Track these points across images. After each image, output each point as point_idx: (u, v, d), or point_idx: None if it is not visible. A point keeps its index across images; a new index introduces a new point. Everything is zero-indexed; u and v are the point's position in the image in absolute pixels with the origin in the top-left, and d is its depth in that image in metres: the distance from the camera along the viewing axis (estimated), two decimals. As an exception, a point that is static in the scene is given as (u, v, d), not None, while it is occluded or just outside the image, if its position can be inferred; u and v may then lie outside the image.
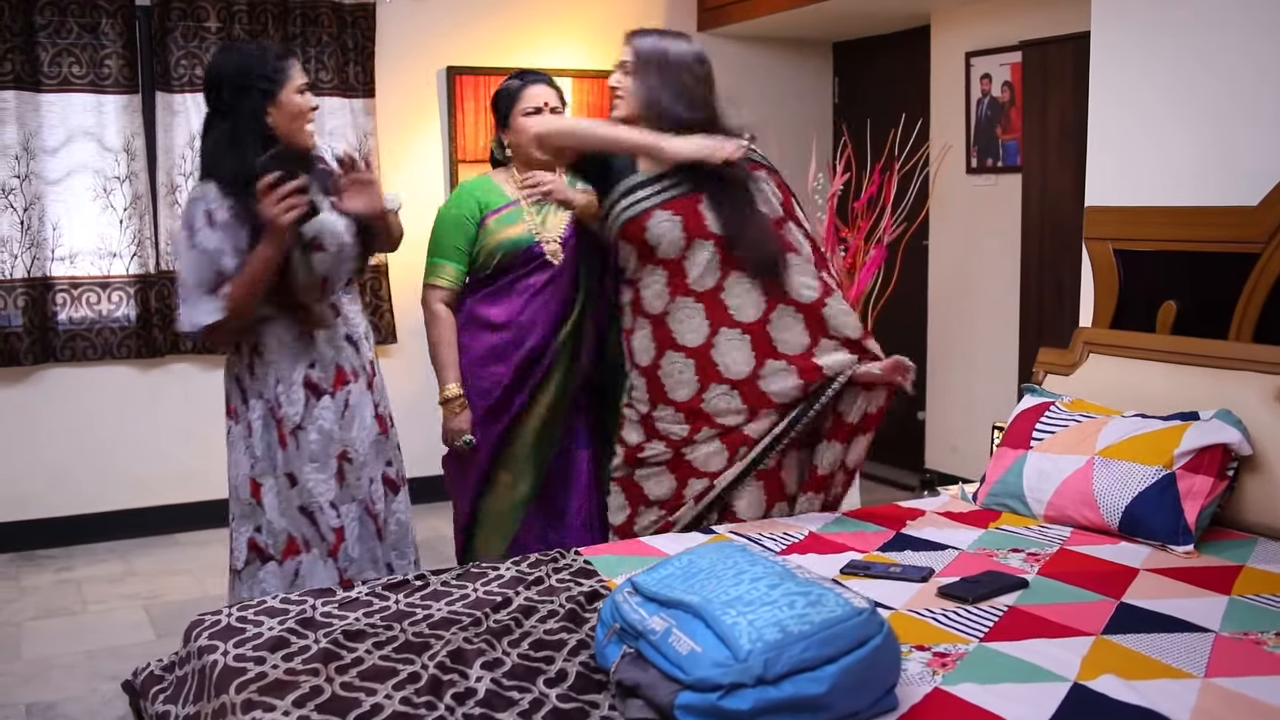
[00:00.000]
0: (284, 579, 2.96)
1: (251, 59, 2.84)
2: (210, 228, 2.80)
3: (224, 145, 2.83)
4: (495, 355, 3.29)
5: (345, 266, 3.02)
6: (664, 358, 3.00)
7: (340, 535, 2.98)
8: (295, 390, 2.95)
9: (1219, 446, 2.80)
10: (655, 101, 2.95)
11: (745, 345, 2.96)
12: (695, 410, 2.99)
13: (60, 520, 5.11)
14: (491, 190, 3.35)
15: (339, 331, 3.01)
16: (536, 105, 3.31)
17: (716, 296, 2.96)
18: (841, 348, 2.97)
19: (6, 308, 4.91)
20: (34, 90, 4.89)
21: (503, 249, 3.28)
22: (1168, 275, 3.37)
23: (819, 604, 1.86)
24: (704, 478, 3.01)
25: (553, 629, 2.26)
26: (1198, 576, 2.54)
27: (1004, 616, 2.32)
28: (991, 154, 5.36)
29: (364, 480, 3.03)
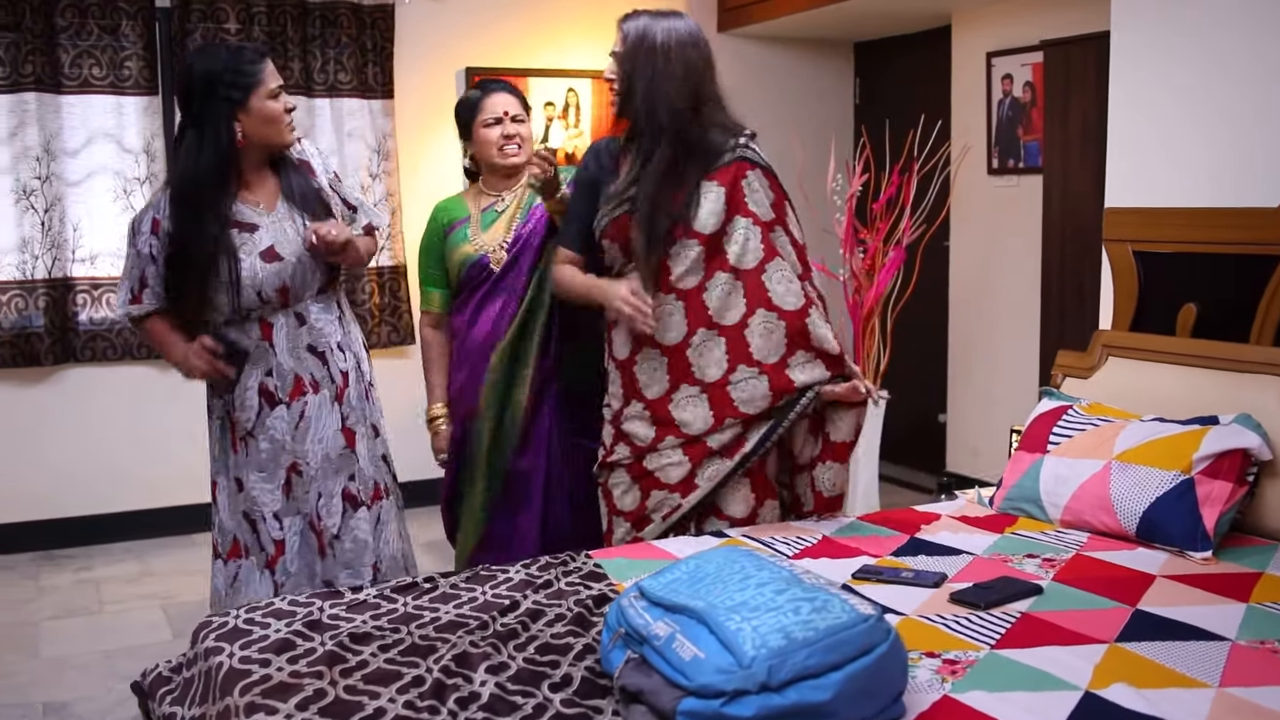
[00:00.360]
0: (227, 578, 3.04)
1: (219, 65, 2.82)
2: (154, 235, 2.89)
3: (187, 155, 2.84)
4: (458, 362, 3.37)
5: (309, 277, 3.00)
6: (640, 353, 2.94)
7: (280, 548, 2.99)
8: (249, 396, 2.97)
9: (1238, 451, 2.76)
10: (647, 92, 2.80)
11: (720, 348, 2.86)
12: (664, 414, 2.91)
13: (79, 520, 5.14)
14: (456, 207, 3.42)
15: (302, 341, 3.00)
16: (497, 115, 3.32)
17: (699, 296, 2.86)
18: (818, 362, 2.87)
19: (27, 308, 4.95)
20: (55, 92, 4.93)
21: (459, 266, 3.34)
22: (1188, 277, 3.32)
23: (825, 610, 1.84)
24: (665, 490, 2.92)
25: (559, 633, 2.24)
26: (1216, 583, 2.50)
27: (1016, 623, 2.28)
28: (1013, 155, 5.31)
29: (313, 494, 3.02)
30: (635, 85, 2.83)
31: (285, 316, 2.96)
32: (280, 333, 2.95)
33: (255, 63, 2.85)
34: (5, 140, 4.87)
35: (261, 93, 2.84)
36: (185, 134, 2.86)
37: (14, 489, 5.04)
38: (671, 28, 2.84)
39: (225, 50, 2.87)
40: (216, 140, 2.80)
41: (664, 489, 2.93)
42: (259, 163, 2.96)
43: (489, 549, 3.32)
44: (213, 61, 2.82)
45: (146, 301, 2.95)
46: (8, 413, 5.02)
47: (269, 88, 2.86)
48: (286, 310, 2.95)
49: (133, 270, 2.94)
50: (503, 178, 3.38)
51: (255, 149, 2.91)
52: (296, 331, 2.98)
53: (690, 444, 2.89)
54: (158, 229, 2.88)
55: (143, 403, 5.22)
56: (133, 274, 2.95)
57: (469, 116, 3.36)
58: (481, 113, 3.33)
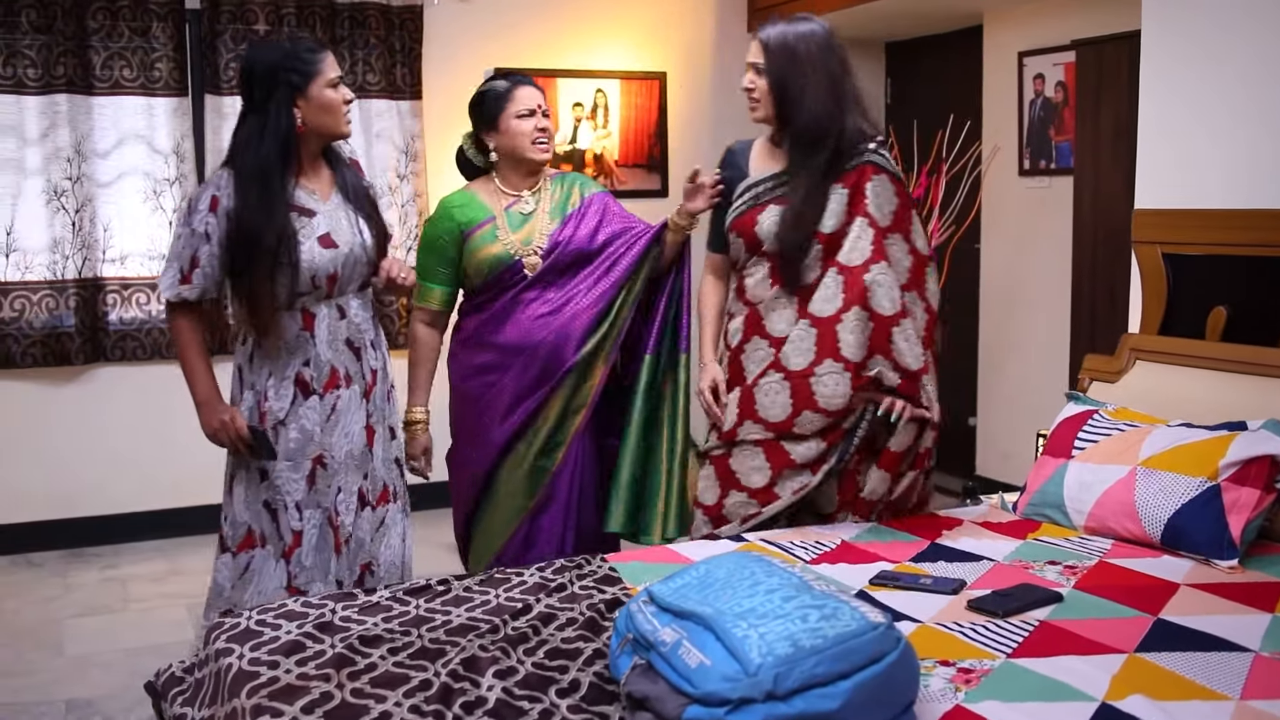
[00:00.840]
0: (235, 571, 2.99)
1: (281, 54, 2.87)
2: (211, 212, 2.85)
3: (250, 139, 2.87)
4: (499, 368, 3.25)
5: (357, 269, 3.01)
6: (749, 343, 3.03)
7: (298, 539, 2.97)
8: (286, 386, 2.95)
9: (1267, 458, 2.70)
10: (792, 99, 2.91)
11: (810, 339, 2.92)
12: (748, 398, 2.98)
13: (108, 518, 5.18)
14: (471, 205, 3.27)
15: (341, 334, 3.00)
16: (531, 107, 3.23)
17: (810, 292, 2.95)
18: (894, 374, 2.88)
19: (58, 308, 4.98)
20: (86, 94, 4.96)
21: (488, 266, 3.23)
22: (1218, 280, 3.27)
23: (833, 618, 1.81)
24: (745, 494, 3.00)
25: (570, 637, 2.23)
26: (1241, 593, 2.45)
27: (1035, 631, 2.25)
28: (1045, 156, 5.25)
29: (333, 489, 3.01)
30: (788, 95, 2.91)
31: (328, 307, 2.96)
32: (322, 324, 2.96)
33: (315, 52, 2.89)
34: (37, 141, 4.91)
35: (321, 81, 2.88)
36: (245, 121, 2.89)
37: (44, 487, 5.08)
38: (811, 34, 2.93)
39: (287, 41, 2.92)
40: (278, 126, 2.84)
41: (743, 492, 3.01)
42: (315, 152, 2.99)
43: (511, 550, 3.29)
44: (274, 51, 2.87)
45: (196, 282, 2.88)
46: (39, 412, 5.06)
47: (329, 77, 2.89)
48: (329, 301, 2.96)
49: (184, 250, 2.89)
50: (525, 175, 3.30)
51: (313, 137, 2.93)
52: (337, 324, 2.98)
53: (771, 446, 2.96)
54: (216, 207, 2.84)
55: (172, 402, 5.21)
56: (183, 254, 2.89)
57: (496, 108, 3.23)
58: (514, 104, 3.22)
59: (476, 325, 3.29)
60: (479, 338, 3.29)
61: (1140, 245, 3.43)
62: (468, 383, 3.31)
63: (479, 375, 3.28)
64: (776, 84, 2.92)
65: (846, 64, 2.99)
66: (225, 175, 2.88)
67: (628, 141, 5.97)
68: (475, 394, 3.30)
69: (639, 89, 5.97)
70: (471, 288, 3.31)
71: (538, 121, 3.23)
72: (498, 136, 3.25)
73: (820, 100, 2.89)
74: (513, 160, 3.28)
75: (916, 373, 2.89)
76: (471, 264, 3.25)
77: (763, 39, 2.95)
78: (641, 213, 5.92)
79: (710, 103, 6.16)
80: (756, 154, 3.11)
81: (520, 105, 3.22)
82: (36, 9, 4.84)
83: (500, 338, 3.24)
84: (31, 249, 4.94)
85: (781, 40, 2.92)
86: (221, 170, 2.90)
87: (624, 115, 5.94)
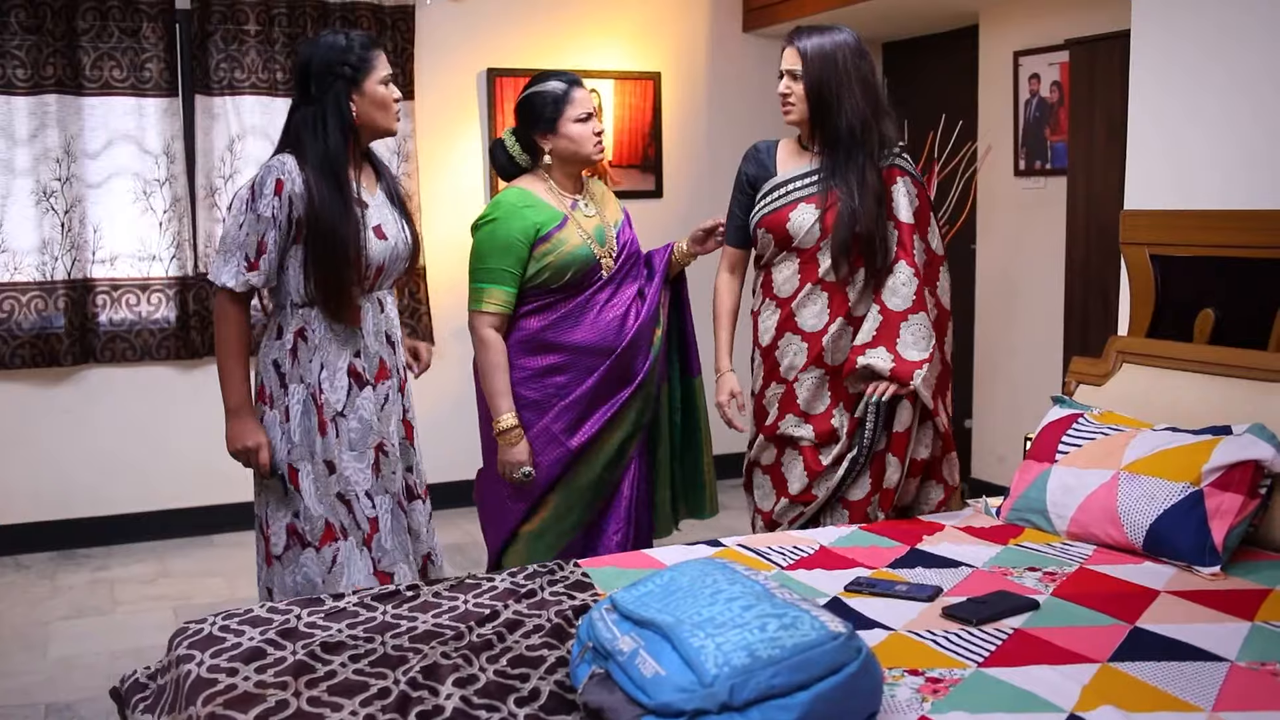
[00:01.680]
0: (322, 565, 2.91)
1: (338, 49, 2.87)
2: (276, 196, 2.80)
3: (309, 127, 2.86)
4: (566, 369, 3.19)
5: (398, 264, 3.02)
6: (782, 339, 3.13)
7: (375, 525, 2.95)
8: (340, 377, 2.92)
9: (1250, 463, 2.66)
10: (827, 104, 3.02)
11: (848, 336, 3.09)
12: (790, 393, 3.14)
13: (100, 520, 5.16)
14: (539, 205, 3.17)
15: (382, 327, 3.00)
16: (589, 110, 3.20)
17: (843, 288, 3.08)
18: (891, 359, 2.99)
19: (47, 309, 4.97)
20: (76, 94, 4.95)
21: (572, 266, 3.14)
22: (1206, 282, 3.22)
23: (793, 627, 1.78)
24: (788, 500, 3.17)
25: (535, 645, 2.20)
26: (1221, 600, 2.41)
27: (1008, 640, 2.21)
28: (1040, 156, 5.21)
29: (398, 475, 3.02)
30: (825, 101, 3.02)
31: (370, 301, 2.96)
32: (367, 316, 2.95)
33: (369, 49, 2.90)
34: (26, 142, 4.89)
35: (375, 77, 2.89)
36: (299, 113, 2.88)
37: (34, 488, 5.07)
38: (844, 43, 3.04)
39: (344, 37, 2.90)
40: (339, 118, 2.84)
41: (788, 499, 3.18)
42: (364, 148, 3.01)
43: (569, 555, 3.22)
44: (331, 47, 2.87)
45: (263, 269, 2.82)
46: (28, 413, 5.04)
47: (381, 74, 2.90)
48: (370, 295, 2.95)
49: (248, 236, 2.80)
50: (574, 176, 3.27)
51: (365, 132, 2.94)
52: (379, 317, 2.99)
53: (810, 453, 3.14)
54: (281, 190, 2.79)
55: (163, 404, 5.23)
56: (248, 240, 2.80)
57: (556, 111, 3.16)
58: (573, 105, 3.16)
59: (540, 327, 3.19)
60: (542, 339, 3.19)
61: (1128, 247, 3.38)
62: (527, 387, 3.19)
63: (542, 378, 3.19)
64: (814, 90, 3.02)
65: (874, 70, 3.12)
66: (290, 160, 2.83)
67: (622, 142, 5.94)
68: (535, 399, 3.20)
69: (633, 89, 5.93)
70: (541, 289, 3.18)
71: (595, 125, 3.21)
72: (555, 139, 3.18)
73: (857, 105, 3.01)
74: (571, 163, 3.23)
75: (910, 363, 2.99)
76: (551, 265, 3.13)
77: (799, 48, 3.04)
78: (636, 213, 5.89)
79: (705, 103, 6.12)
80: (783, 153, 3.21)
81: (580, 109, 3.18)
82: (26, 9, 4.83)
83: (572, 338, 3.18)
84: (21, 250, 4.93)
85: (819, 49, 3.02)
86: (284, 156, 2.85)
87: (618, 115, 5.91)
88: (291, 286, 2.87)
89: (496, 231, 3.14)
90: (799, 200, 3.09)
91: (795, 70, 3.04)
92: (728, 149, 5.72)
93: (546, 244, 3.13)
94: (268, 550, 2.93)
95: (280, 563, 2.92)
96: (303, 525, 2.90)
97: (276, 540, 2.92)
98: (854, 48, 3.04)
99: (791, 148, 3.20)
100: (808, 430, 3.13)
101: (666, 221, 6.00)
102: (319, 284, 2.83)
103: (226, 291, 2.84)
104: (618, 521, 3.28)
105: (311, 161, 2.82)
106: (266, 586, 2.95)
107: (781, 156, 3.20)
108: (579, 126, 3.18)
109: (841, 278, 3.07)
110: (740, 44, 6.15)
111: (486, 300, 3.14)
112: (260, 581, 2.98)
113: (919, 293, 3.03)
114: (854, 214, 3.00)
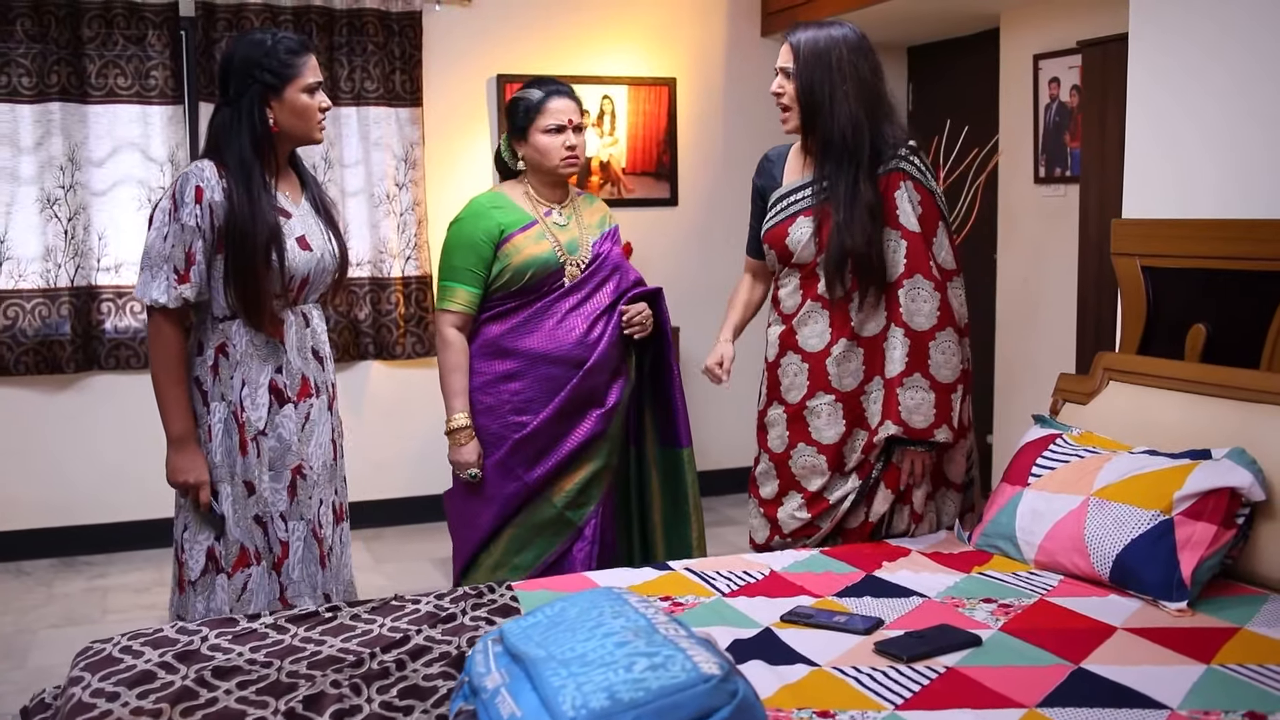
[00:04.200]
0: (232, 593, 2.83)
1: (259, 52, 2.76)
2: (198, 205, 2.70)
3: (225, 131, 2.77)
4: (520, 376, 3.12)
5: (323, 277, 2.92)
6: (785, 357, 2.98)
7: (286, 550, 2.85)
8: (261, 394, 2.82)
9: (1225, 490, 2.48)
10: (821, 105, 2.84)
11: (858, 358, 2.91)
12: (799, 417, 2.96)
13: (100, 527, 5.16)
14: (509, 207, 3.16)
15: (307, 342, 2.91)
16: (560, 122, 3.13)
17: (845, 307, 2.90)
18: (930, 392, 2.84)
19: (51, 316, 4.98)
20: (80, 102, 4.95)
21: (533, 267, 3.10)
22: (1199, 295, 3.04)
23: (662, 668, 1.66)
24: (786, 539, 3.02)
25: (432, 674, 2.10)
26: (1181, 640, 2.24)
27: (936, 680, 2.07)
28: (1060, 163, 5.01)
29: (314, 500, 2.90)
30: (816, 101, 2.84)
31: (294, 314, 2.86)
32: (290, 330, 2.85)
33: (297, 54, 2.79)
34: (30, 150, 4.91)
35: (298, 85, 2.78)
36: (220, 112, 2.80)
37: (36, 495, 5.08)
38: (842, 38, 2.86)
39: (270, 38, 2.80)
40: (251, 124, 2.75)
41: (785, 538, 3.02)
42: (287, 155, 2.91)
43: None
44: (254, 47, 2.77)
45: (194, 280, 2.72)
46: (31, 420, 5.06)
47: (306, 81, 2.79)
48: (295, 309, 2.86)
49: (174, 248, 2.70)
50: (553, 187, 3.22)
51: (285, 140, 2.85)
52: (303, 332, 2.89)
53: (814, 501, 2.96)
54: (201, 198, 2.70)
55: (167, 411, 5.22)
56: (174, 253, 2.70)
57: (527, 119, 3.15)
58: (544, 116, 3.12)
59: (499, 333, 3.16)
60: (500, 345, 3.15)
61: (1119, 258, 3.21)
62: (484, 392, 3.16)
63: (497, 384, 3.15)
64: (805, 89, 2.85)
65: (878, 69, 2.92)
66: (208, 167, 2.74)
67: (636, 149, 5.83)
68: (489, 404, 3.16)
69: (647, 95, 5.82)
70: (504, 293, 3.15)
71: (567, 139, 3.14)
72: (526, 147, 3.18)
73: (850, 107, 2.82)
74: (540, 172, 3.20)
75: (949, 385, 2.86)
76: (511, 265, 3.11)
77: (792, 42, 2.88)
78: (650, 222, 5.84)
79: (722, 109, 6.00)
80: (790, 162, 3.06)
81: (550, 119, 3.13)
82: (31, 17, 4.85)
83: (527, 344, 3.13)
84: (25, 257, 4.94)
85: (812, 44, 2.85)
86: (202, 162, 2.76)
87: (631, 122, 5.80)
88: (214, 299, 2.78)
89: (463, 231, 3.16)
90: (797, 214, 2.95)
91: (788, 67, 2.89)
92: (745, 156, 5.60)
93: (509, 245, 3.10)
94: (181, 575, 2.84)
95: (194, 589, 2.81)
96: (220, 549, 2.81)
97: (193, 564, 2.81)
98: (852, 44, 2.85)
99: (798, 155, 3.05)
100: (820, 462, 2.94)
101: (682, 230, 5.89)
102: (236, 294, 2.73)
103: (160, 310, 2.73)
104: (576, 566, 3.16)
105: (230, 166, 2.73)
106: (177, 614, 2.84)
107: (789, 165, 3.06)
108: (547, 138, 3.12)
109: (839, 296, 2.89)
110: (758, 48, 6.01)
111: (450, 299, 3.14)
112: (171, 608, 2.88)
113: (943, 305, 2.85)
114: (841, 230, 2.83)
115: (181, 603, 2.87)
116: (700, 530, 3.32)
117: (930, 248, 2.88)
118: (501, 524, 3.14)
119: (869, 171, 2.86)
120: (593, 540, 3.15)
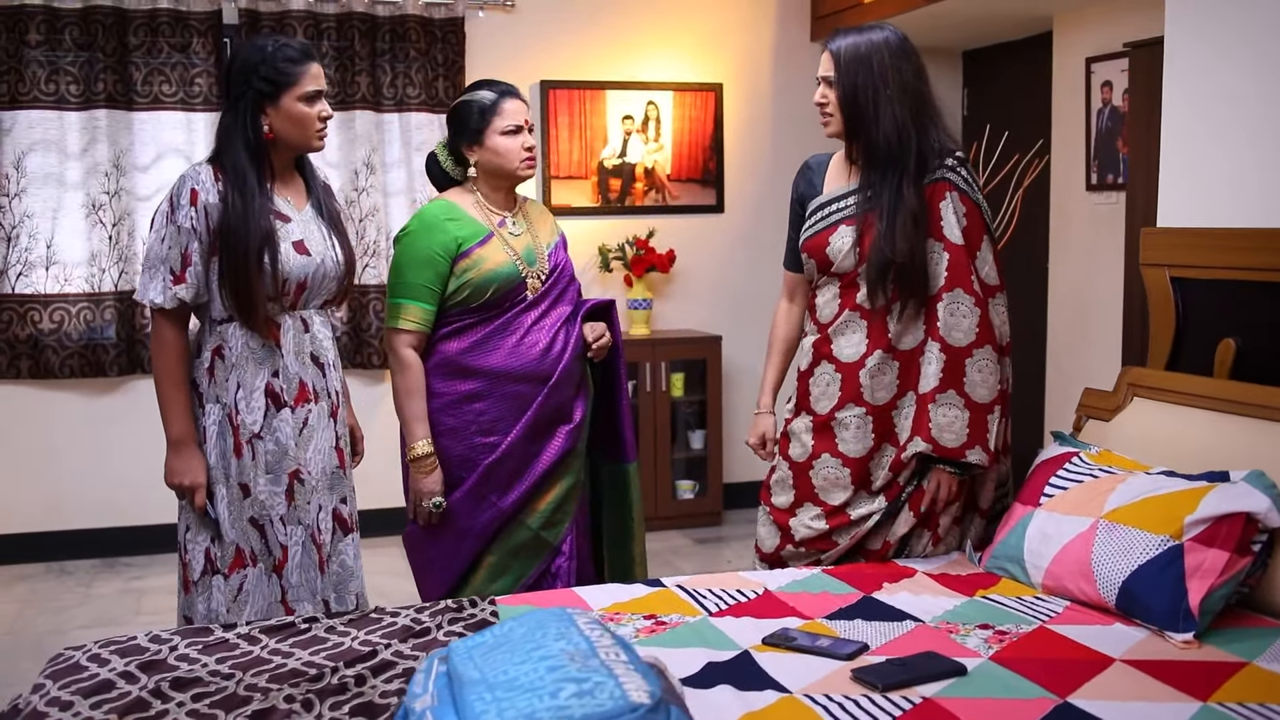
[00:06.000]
0: (228, 594, 2.81)
1: (257, 58, 2.74)
2: (193, 207, 2.71)
3: (224, 134, 2.77)
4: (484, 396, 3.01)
5: (324, 283, 2.90)
6: (818, 366, 2.89)
7: (287, 554, 2.83)
8: (256, 397, 2.81)
9: (1241, 515, 2.33)
10: (864, 110, 2.76)
11: (893, 372, 2.81)
12: (827, 428, 2.87)
13: (143, 529, 5.22)
14: (463, 219, 3.02)
15: (306, 348, 2.89)
16: (518, 122, 3.01)
17: (883, 317, 2.80)
18: (965, 412, 2.72)
19: (95, 320, 5.06)
20: (126, 109, 5.03)
21: (495, 282, 2.98)
22: (1229, 308, 2.88)
23: (589, 695, 1.59)
24: (799, 549, 2.93)
25: (389, 691, 2.05)
26: (1180, 674, 2.11)
27: (910, 712, 1.97)
28: (1112, 169, 4.84)
29: (313, 506, 2.87)
30: (859, 106, 2.76)
31: (292, 319, 2.85)
32: (287, 335, 2.84)
33: (296, 62, 2.75)
34: (77, 156, 4.99)
35: (295, 93, 2.75)
36: (223, 119, 2.81)
37: (81, 496, 5.16)
38: (883, 41, 2.78)
39: (271, 44, 2.77)
40: (244, 130, 2.75)
41: (797, 546, 2.93)
42: (288, 162, 2.90)
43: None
44: (254, 53, 2.76)
45: (191, 281, 2.72)
46: (77, 422, 5.14)
47: (304, 90, 2.75)
48: (294, 313, 2.85)
49: (171, 249, 2.73)
50: (505, 192, 3.11)
51: (283, 147, 2.83)
52: (302, 337, 2.87)
53: (833, 514, 2.87)
54: (196, 200, 2.71)
55: (208, 415, 5.27)
56: (171, 253, 2.73)
57: (482, 121, 3.02)
58: (500, 117, 3.01)
59: (458, 350, 3.02)
60: (460, 364, 3.01)
61: (1148, 268, 3.06)
62: (446, 414, 3.02)
63: (460, 405, 3.02)
64: (847, 96, 2.77)
65: (923, 73, 2.82)
66: (205, 170, 2.75)
67: (681, 155, 5.76)
68: (453, 426, 3.03)
69: (693, 101, 5.75)
70: (462, 308, 3.02)
71: (524, 139, 3.03)
72: (481, 151, 3.04)
73: (894, 111, 2.74)
74: (496, 177, 3.07)
75: (984, 405, 2.73)
76: (471, 281, 2.98)
77: (833, 50, 2.80)
78: (695, 229, 5.77)
79: (770, 115, 5.90)
80: (832, 170, 2.96)
81: (508, 120, 3.01)
82: (79, 26, 4.93)
83: (490, 363, 3.00)
84: (70, 262, 5.03)
85: (853, 50, 2.77)
86: (200, 165, 2.78)
87: (677, 128, 5.73)
88: (213, 302, 2.77)
89: (416, 244, 2.99)
90: (839, 222, 2.84)
91: (830, 76, 2.79)
92: (792, 163, 5.43)
93: (467, 260, 2.97)
94: (185, 576, 2.84)
95: (196, 589, 2.81)
96: (215, 550, 2.80)
97: (195, 565, 2.81)
98: (895, 48, 2.76)
99: (840, 163, 2.95)
100: (844, 475, 2.84)
101: (728, 237, 5.81)
102: (230, 296, 2.72)
103: (159, 312, 2.75)
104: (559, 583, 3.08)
105: (226, 169, 2.73)
106: (184, 615, 2.85)
107: (830, 173, 2.96)
108: (505, 139, 3.00)
109: (878, 307, 2.80)
110: (808, 53, 5.90)
111: (404, 317, 2.98)
112: (179, 610, 2.89)
113: (983, 322, 2.73)
114: (883, 238, 2.74)
115: (187, 603, 2.87)
116: (643, 546, 3.24)
117: (973, 262, 2.77)
118: (478, 556, 3.04)
119: (914, 179, 2.75)
120: (570, 556, 3.07)
